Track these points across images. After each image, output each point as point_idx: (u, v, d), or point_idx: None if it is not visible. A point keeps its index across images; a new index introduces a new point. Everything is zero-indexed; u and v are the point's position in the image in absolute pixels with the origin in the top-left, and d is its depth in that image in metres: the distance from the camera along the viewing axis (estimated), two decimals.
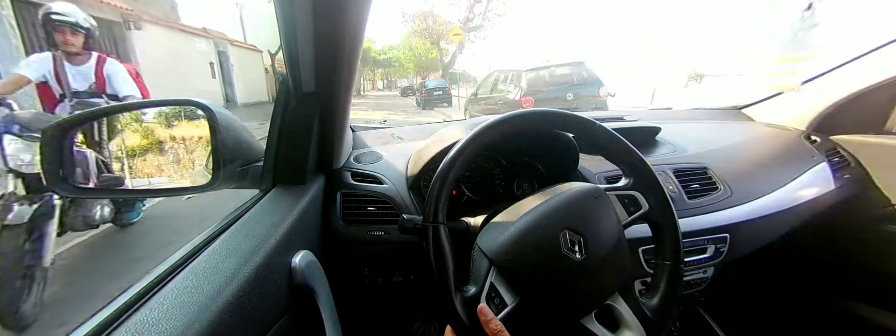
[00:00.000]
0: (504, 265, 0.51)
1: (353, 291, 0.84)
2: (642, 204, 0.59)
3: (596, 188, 0.58)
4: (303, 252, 0.53)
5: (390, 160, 0.86)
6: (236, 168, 0.62)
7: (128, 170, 0.59)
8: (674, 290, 0.57)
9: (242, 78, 13.57)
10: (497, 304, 0.50)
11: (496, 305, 0.49)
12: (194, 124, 0.61)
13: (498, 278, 0.51)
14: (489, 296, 0.50)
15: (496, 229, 0.55)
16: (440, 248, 0.51)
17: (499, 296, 0.50)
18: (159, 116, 0.61)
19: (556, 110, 0.61)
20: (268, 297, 0.45)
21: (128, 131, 0.59)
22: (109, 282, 1.93)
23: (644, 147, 1.02)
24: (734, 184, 0.89)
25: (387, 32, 45.75)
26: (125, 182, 0.59)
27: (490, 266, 0.51)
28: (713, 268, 0.88)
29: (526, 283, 0.50)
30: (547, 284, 0.50)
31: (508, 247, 0.51)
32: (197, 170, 0.62)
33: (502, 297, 0.50)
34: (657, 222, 0.60)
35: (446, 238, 0.52)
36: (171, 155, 0.61)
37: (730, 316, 1.15)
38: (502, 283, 0.51)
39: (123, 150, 0.59)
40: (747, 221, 0.84)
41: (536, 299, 0.51)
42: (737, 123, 1.25)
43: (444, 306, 0.50)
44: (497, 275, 0.51)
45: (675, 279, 0.57)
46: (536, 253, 0.51)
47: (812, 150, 1.01)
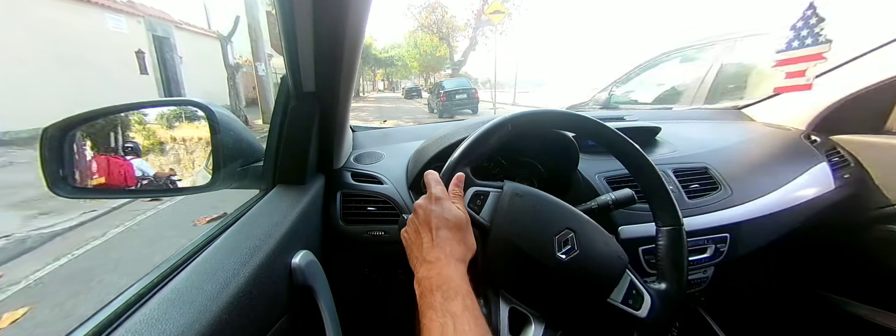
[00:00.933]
0: (509, 195, 0.53)
1: (353, 291, 0.84)
2: (643, 307, 0.53)
3: (624, 256, 0.54)
4: (303, 252, 0.53)
5: (390, 160, 0.86)
6: (236, 168, 0.62)
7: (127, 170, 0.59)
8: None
9: (203, 75, 10.24)
10: (477, 204, 0.52)
11: (476, 205, 0.52)
12: (194, 124, 0.60)
13: (494, 197, 0.53)
14: (477, 194, 0.53)
15: (526, 186, 0.57)
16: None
17: (483, 201, 0.52)
18: (159, 118, 0.61)
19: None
20: (268, 297, 0.45)
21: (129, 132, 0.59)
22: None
23: (644, 147, 1.02)
24: (734, 183, 0.89)
25: (389, 30, 43.29)
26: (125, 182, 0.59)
27: (500, 187, 0.54)
28: (713, 267, 0.88)
29: (502, 225, 0.51)
30: (517, 241, 0.50)
31: (525, 191, 0.53)
32: (197, 170, 0.62)
33: (483, 208, 0.52)
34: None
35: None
36: (171, 155, 0.61)
37: (730, 316, 1.15)
38: (493, 202, 0.53)
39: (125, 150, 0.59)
40: (747, 221, 0.84)
41: (496, 241, 0.50)
42: (737, 123, 1.25)
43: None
44: (497, 195, 0.53)
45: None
46: (536, 216, 0.52)
47: (812, 150, 1.01)
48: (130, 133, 0.59)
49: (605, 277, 0.51)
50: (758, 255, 0.90)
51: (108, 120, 0.57)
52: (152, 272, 0.41)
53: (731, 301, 1.19)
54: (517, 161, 0.88)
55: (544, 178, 0.86)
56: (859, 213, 1.02)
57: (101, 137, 0.57)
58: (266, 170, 0.67)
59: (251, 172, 0.66)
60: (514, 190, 0.53)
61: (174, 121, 0.61)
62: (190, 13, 11.88)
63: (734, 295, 1.20)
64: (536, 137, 0.79)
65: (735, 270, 1.16)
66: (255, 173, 0.67)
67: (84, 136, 0.55)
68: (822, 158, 0.98)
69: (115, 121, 0.58)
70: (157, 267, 0.43)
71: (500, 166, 0.87)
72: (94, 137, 0.57)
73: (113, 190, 0.59)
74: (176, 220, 2.91)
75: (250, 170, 0.66)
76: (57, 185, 0.51)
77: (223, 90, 8.60)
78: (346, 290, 0.73)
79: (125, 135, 0.59)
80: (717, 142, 1.04)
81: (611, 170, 0.84)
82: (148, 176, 0.59)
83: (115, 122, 0.58)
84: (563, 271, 0.49)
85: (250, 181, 0.66)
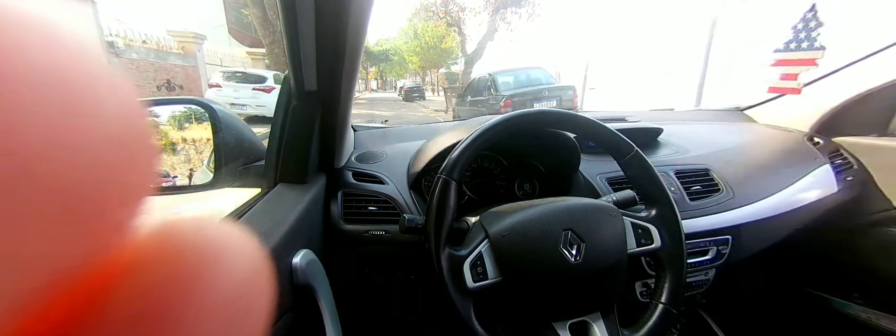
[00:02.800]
0: (498, 242, 0.52)
1: (353, 291, 0.84)
2: (654, 238, 0.58)
3: (613, 208, 0.58)
4: (304, 251, 0.53)
5: (391, 160, 0.86)
6: (238, 167, 0.63)
7: None
8: (661, 331, 0.56)
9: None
10: (479, 273, 0.51)
11: (478, 274, 0.51)
12: (195, 123, 0.61)
13: (488, 252, 0.52)
14: (474, 263, 0.51)
15: (501, 212, 0.56)
16: (444, 201, 0.52)
17: (483, 265, 0.51)
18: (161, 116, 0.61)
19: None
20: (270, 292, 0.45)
21: None
22: None
23: (646, 148, 1.02)
24: (736, 185, 0.88)
25: (380, 19, 37.24)
26: None
27: (484, 238, 0.52)
28: (715, 270, 0.88)
29: (513, 266, 0.51)
30: (533, 274, 0.51)
31: (507, 227, 0.52)
32: (198, 168, 0.62)
33: (486, 268, 0.51)
34: (663, 261, 0.59)
35: (454, 195, 0.53)
36: (173, 153, 0.61)
37: (731, 318, 1.14)
38: (490, 257, 0.52)
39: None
40: (749, 223, 0.84)
41: (518, 285, 0.51)
42: (739, 125, 1.25)
43: (431, 257, 0.51)
44: (488, 248, 0.52)
45: (664, 321, 0.56)
46: (531, 240, 0.51)
47: (815, 152, 1.01)
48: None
49: (617, 241, 0.55)
50: (759, 257, 0.90)
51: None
52: None
53: (733, 303, 1.19)
54: (518, 161, 0.87)
55: (545, 178, 0.86)
56: (862, 215, 1.02)
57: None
58: (267, 168, 0.67)
59: (253, 171, 0.66)
60: (496, 232, 0.53)
61: (175, 119, 0.61)
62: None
63: (735, 297, 1.20)
64: (537, 137, 0.79)
65: (736, 272, 1.16)
66: (257, 172, 0.67)
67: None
68: (825, 161, 0.98)
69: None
70: None
71: (501, 166, 0.87)
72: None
73: None
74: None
75: (252, 168, 0.66)
76: None
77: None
78: (347, 290, 0.73)
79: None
80: (719, 143, 1.04)
81: (613, 171, 0.84)
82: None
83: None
84: (586, 269, 0.51)
85: (252, 180, 0.67)
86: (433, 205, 0.52)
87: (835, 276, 1.12)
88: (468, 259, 0.51)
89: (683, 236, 0.59)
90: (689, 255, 0.81)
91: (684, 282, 0.58)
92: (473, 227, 0.56)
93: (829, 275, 1.13)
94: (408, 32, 22.77)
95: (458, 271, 0.51)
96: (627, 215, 0.58)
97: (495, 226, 0.53)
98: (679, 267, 0.58)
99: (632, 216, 0.59)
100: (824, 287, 1.13)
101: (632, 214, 0.59)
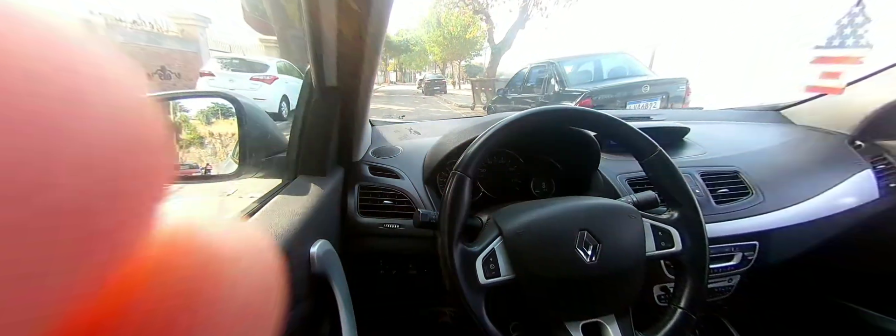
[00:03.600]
0: (512, 239, 0.51)
1: (367, 282, 0.86)
2: (675, 241, 0.57)
3: (633, 209, 0.57)
4: (321, 241, 0.55)
5: (407, 155, 0.87)
6: (261, 158, 0.65)
7: None
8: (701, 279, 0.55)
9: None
10: (491, 269, 0.51)
11: (490, 270, 0.51)
12: (222, 116, 0.63)
13: (501, 249, 0.52)
14: (486, 259, 0.51)
15: (515, 209, 0.56)
16: (459, 197, 0.52)
17: (495, 263, 0.51)
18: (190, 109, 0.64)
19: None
20: (287, 284, 0.47)
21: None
22: None
23: (670, 148, 0.98)
24: (767, 189, 0.84)
25: (405, 12, 32.96)
26: None
27: (498, 235, 0.52)
28: (739, 276, 0.85)
29: (525, 264, 0.51)
30: (546, 274, 0.51)
31: (522, 225, 0.52)
32: (225, 159, 0.65)
33: (499, 266, 0.51)
34: (684, 265, 0.57)
35: (468, 191, 0.53)
36: (201, 144, 0.64)
37: (754, 327, 1.10)
38: (503, 254, 0.52)
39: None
40: (779, 229, 0.80)
41: (531, 283, 0.51)
42: (774, 126, 1.19)
43: (442, 252, 0.51)
44: (501, 245, 0.52)
45: (683, 327, 0.55)
46: (546, 239, 0.51)
47: (855, 156, 0.95)
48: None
49: (635, 244, 0.54)
50: (788, 265, 0.86)
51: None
52: None
53: (757, 312, 1.14)
54: (534, 159, 0.87)
55: (562, 177, 0.85)
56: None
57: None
58: (289, 160, 0.70)
59: (275, 163, 0.69)
60: (510, 230, 0.52)
61: (204, 112, 0.64)
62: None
63: (760, 306, 1.15)
64: (555, 135, 0.78)
65: (762, 279, 1.11)
66: (279, 164, 0.70)
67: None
68: (866, 165, 0.92)
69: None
70: None
71: (517, 164, 0.87)
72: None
73: None
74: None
75: (274, 160, 0.69)
76: None
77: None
78: (360, 280, 0.75)
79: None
80: (750, 144, 0.99)
81: (634, 171, 0.82)
82: (179, 164, 0.62)
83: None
84: (601, 270, 0.51)
85: (274, 171, 0.69)
86: (447, 201, 0.52)
87: (872, 288, 1.06)
88: (481, 255, 0.51)
89: (707, 241, 0.57)
90: (711, 261, 0.79)
91: (706, 287, 0.56)
92: (487, 224, 0.56)
93: (865, 286, 1.07)
94: (430, 22, 21.62)
95: (471, 267, 0.51)
96: (647, 217, 0.57)
97: (509, 223, 0.53)
98: (700, 272, 0.56)
99: (652, 218, 0.57)
100: (859, 299, 1.07)
101: (652, 216, 0.58)
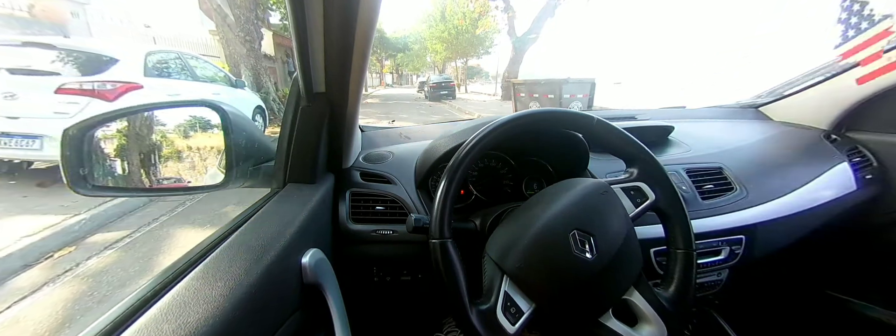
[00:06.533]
0: (516, 273, 0.50)
1: (361, 290, 0.85)
2: (648, 194, 0.59)
3: (601, 183, 0.58)
4: (313, 250, 0.54)
5: (399, 160, 0.86)
6: (248, 167, 0.64)
7: (144, 169, 0.60)
8: (689, 277, 0.56)
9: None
10: (513, 313, 0.49)
11: (512, 315, 0.49)
12: (207, 125, 0.62)
13: (511, 287, 0.50)
14: (505, 305, 0.49)
15: (504, 235, 0.54)
16: (450, 265, 0.50)
17: (514, 304, 0.49)
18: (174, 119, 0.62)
19: (559, 109, 0.61)
20: (278, 295, 0.45)
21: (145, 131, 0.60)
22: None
23: (656, 147, 1.00)
24: (750, 184, 0.87)
25: (401, 9, 31.56)
26: (142, 181, 0.60)
27: (502, 276, 0.51)
28: (728, 270, 0.86)
29: (540, 289, 0.50)
30: (561, 287, 0.50)
31: (518, 254, 0.51)
32: (210, 169, 0.64)
33: (518, 305, 0.49)
34: (665, 211, 0.60)
35: (455, 252, 0.51)
36: (185, 155, 0.63)
37: (745, 319, 1.12)
38: (516, 291, 0.50)
39: (141, 150, 0.61)
40: (764, 223, 0.82)
41: (553, 303, 0.50)
42: (753, 122, 1.22)
43: (460, 321, 0.49)
44: (510, 284, 0.50)
45: (689, 266, 0.57)
46: (547, 258, 0.50)
47: (832, 150, 0.98)
48: (146, 132, 0.61)
49: (618, 215, 0.56)
50: (774, 257, 0.88)
51: (126, 120, 0.59)
52: (166, 270, 0.42)
53: (746, 304, 1.17)
54: (525, 161, 0.87)
55: (553, 178, 0.86)
56: (881, 215, 0.99)
57: (119, 137, 0.59)
58: (277, 169, 0.68)
59: (263, 171, 0.67)
60: (512, 266, 0.51)
61: (188, 121, 0.62)
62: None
63: (749, 297, 1.18)
64: (545, 137, 0.78)
65: (750, 272, 1.14)
66: (267, 172, 0.68)
67: (103, 137, 0.57)
68: (842, 158, 0.95)
69: (134, 121, 0.60)
70: (171, 265, 0.44)
71: (509, 166, 0.87)
72: (113, 137, 0.58)
73: (130, 189, 0.60)
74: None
75: (262, 169, 0.67)
76: (77, 183, 0.53)
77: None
78: (354, 289, 0.74)
79: (141, 134, 0.60)
80: (732, 141, 1.02)
81: (621, 170, 0.83)
82: (163, 175, 0.61)
83: (132, 123, 0.60)
84: (604, 259, 0.51)
85: (262, 180, 0.68)
86: (442, 275, 0.50)
87: (852, 276, 1.09)
88: (498, 307, 0.49)
89: (673, 184, 0.60)
90: (701, 256, 0.80)
91: (690, 225, 0.59)
92: (486, 267, 0.53)
93: (848, 276, 1.10)
94: (433, 16, 19.22)
95: (495, 325, 0.48)
96: (616, 183, 0.60)
97: (505, 256, 0.51)
98: (681, 211, 0.59)
99: (621, 182, 0.60)
100: (844, 288, 1.10)
101: (619, 180, 0.60)
